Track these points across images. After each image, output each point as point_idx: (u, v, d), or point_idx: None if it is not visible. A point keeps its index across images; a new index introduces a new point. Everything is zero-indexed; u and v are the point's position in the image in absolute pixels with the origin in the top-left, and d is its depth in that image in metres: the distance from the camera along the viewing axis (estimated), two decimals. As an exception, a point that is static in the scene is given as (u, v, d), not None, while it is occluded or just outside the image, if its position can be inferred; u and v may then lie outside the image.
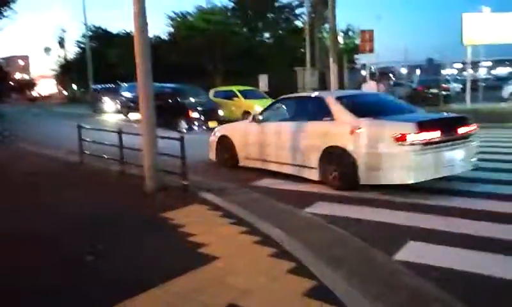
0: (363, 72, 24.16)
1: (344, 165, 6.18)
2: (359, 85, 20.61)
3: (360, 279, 3.43)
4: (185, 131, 14.38)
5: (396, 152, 5.64)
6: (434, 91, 22.17)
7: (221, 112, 16.23)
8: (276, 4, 36.99)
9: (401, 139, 5.59)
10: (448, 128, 6.00)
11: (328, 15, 21.12)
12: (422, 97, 21.44)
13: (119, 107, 24.24)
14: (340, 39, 25.20)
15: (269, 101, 17.96)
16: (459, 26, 20.09)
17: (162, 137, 6.72)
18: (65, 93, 56.76)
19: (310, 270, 3.53)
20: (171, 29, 35.91)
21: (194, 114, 15.28)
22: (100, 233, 4.75)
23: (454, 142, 5.99)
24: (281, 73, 25.63)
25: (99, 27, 46.92)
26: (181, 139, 6.42)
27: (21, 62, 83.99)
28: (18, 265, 3.94)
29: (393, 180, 5.79)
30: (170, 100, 16.31)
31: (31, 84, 71.42)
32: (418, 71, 44.49)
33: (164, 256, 4.01)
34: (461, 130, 6.11)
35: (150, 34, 6.05)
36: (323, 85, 21.67)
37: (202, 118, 15.32)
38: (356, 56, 32.08)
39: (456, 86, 27.64)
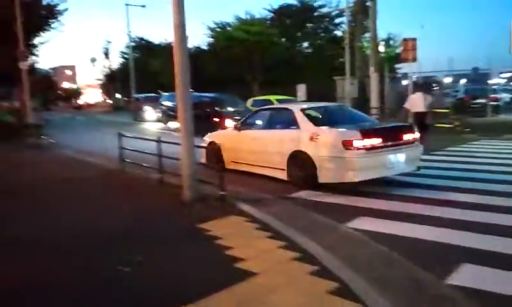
0: (404, 82, 23.44)
1: (306, 166, 7.08)
2: (402, 95, 19.96)
3: (407, 302, 3.19)
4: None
5: (344, 155, 6.55)
6: (482, 101, 21.17)
7: (258, 121, 16.15)
8: (315, 14, 36.84)
9: (348, 144, 6.53)
10: (392, 135, 6.96)
11: (369, 24, 20.74)
12: (468, 107, 20.53)
13: (159, 115, 24.70)
14: (381, 48, 24.60)
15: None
16: (507, 34, 19.13)
17: (200, 147, 6.69)
18: (109, 101, 58.88)
19: (353, 291, 3.33)
20: (211, 40, 36.47)
21: (232, 124, 15.28)
22: (136, 243, 4.71)
23: (398, 148, 6.90)
24: (320, 82, 25.36)
25: (141, 38, 48.46)
26: (218, 149, 6.37)
27: (68, 72, 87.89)
28: (50, 274, 3.96)
29: (343, 179, 6.63)
30: (208, 110, 16.43)
31: (77, 93, 74.57)
32: (462, 81, 42.81)
33: (201, 269, 3.91)
34: (406, 137, 7.08)
35: (190, 45, 6.20)
36: (363, 94, 21.20)
37: (240, 127, 15.29)
38: (397, 65, 31.31)
39: (505, 96, 26.30)
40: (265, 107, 9.67)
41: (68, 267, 4.10)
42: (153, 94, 28.57)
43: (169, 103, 23.62)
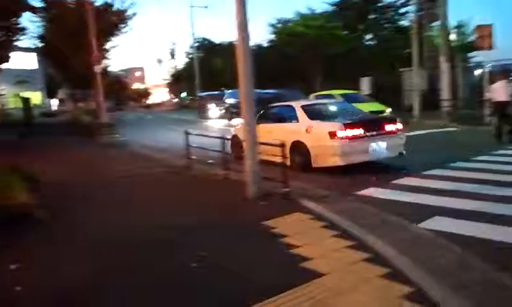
0: (476, 71, 21.83)
1: (302, 154, 8.31)
2: (476, 85, 18.61)
3: (492, 312, 2.91)
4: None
5: (330, 144, 7.79)
6: None
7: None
8: (379, 5, 35.48)
9: (333, 134, 7.82)
10: (374, 126, 8.12)
11: (438, 12, 19.55)
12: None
13: (223, 112, 25.13)
14: (452, 37, 23.09)
15: (372, 104, 17.23)
16: None
17: (262, 143, 6.68)
18: (175, 100, 61.17)
19: (430, 297, 3.11)
20: (273, 36, 36.48)
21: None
22: (201, 239, 4.77)
23: (379, 137, 8.06)
24: (386, 75, 24.42)
25: (204, 38, 49.75)
26: (282, 145, 6.30)
27: (137, 74, 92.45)
28: (124, 268, 4.11)
29: (331, 163, 7.69)
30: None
31: (145, 93, 78.32)
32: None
33: (268, 268, 3.86)
34: (388, 128, 8.26)
35: (251, 42, 6.33)
36: (433, 86, 20.07)
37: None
38: (471, 54, 29.26)
39: None
40: (275, 104, 10.65)
41: (131, 264, 4.25)
42: (216, 92, 29.14)
43: (232, 100, 23.98)
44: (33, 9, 21.47)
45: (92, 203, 6.91)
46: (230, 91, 26.31)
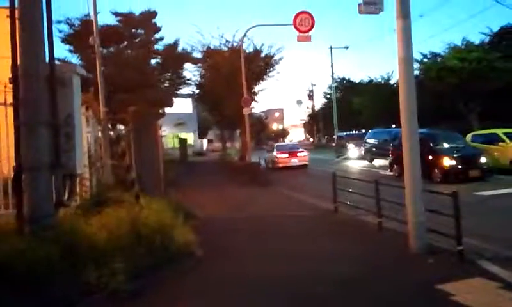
0: None
1: (274, 162, 23.52)
2: None
3: None
4: (438, 181, 12.97)
5: (276, 159, 23.35)
6: None
7: (483, 160, 13.90)
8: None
9: (276, 156, 23.65)
10: (293, 153, 23.62)
11: None
12: None
13: (362, 153, 24.38)
14: None
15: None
16: None
17: (430, 191, 5.93)
18: (311, 139, 61.87)
19: None
20: (418, 72, 34.37)
21: (451, 162, 13.56)
22: (367, 301, 4.24)
23: (294, 157, 23.24)
24: None
25: (343, 78, 49.61)
26: (454, 195, 5.45)
27: (276, 114, 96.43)
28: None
29: (277, 166, 22.75)
30: (421, 147, 15.08)
31: (283, 133, 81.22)
32: None
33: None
34: (299, 154, 23.58)
35: (393, 80, 5.94)
36: None
37: (460, 166, 13.47)
38: None
39: None
40: (277, 144, 28.89)
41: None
42: (356, 132, 28.58)
43: (373, 141, 23.07)
44: (193, 60, 24.05)
45: (242, 244, 6.87)
46: (371, 131, 25.40)
